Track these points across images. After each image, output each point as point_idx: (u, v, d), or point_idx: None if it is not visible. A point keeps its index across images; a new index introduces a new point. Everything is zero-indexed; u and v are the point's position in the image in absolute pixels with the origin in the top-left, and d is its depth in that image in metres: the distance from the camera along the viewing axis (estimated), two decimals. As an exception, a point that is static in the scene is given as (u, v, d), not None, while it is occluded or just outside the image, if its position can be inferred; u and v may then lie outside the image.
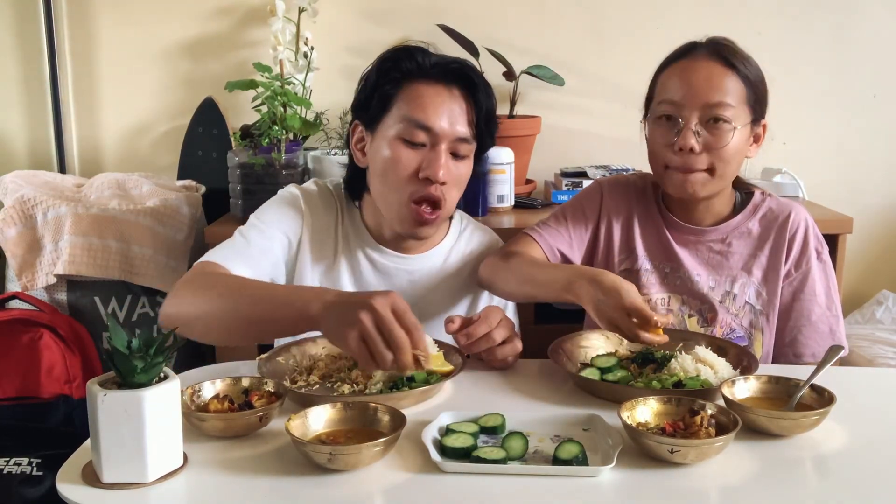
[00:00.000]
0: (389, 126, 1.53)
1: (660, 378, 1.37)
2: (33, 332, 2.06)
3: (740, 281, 1.63)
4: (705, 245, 1.65)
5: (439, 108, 1.51)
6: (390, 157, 1.52)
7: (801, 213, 1.65)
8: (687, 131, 1.52)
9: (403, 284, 1.64)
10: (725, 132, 1.53)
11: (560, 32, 2.58)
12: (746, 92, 1.55)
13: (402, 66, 1.52)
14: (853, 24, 2.59)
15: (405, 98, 1.52)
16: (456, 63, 1.55)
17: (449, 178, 1.52)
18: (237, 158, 2.27)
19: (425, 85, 1.52)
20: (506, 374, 1.45)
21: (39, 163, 2.61)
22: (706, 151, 1.53)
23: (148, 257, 2.20)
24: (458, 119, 1.52)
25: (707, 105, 1.52)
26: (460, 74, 1.54)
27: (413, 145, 1.51)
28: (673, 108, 1.55)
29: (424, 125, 1.50)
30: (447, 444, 1.13)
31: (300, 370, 1.43)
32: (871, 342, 2.27)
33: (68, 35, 2.58)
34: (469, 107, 1.54)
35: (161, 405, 1.05)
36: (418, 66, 1.52)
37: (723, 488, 1.08)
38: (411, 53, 1.54)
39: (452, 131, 1.52)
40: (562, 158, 2.57)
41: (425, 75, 1.52)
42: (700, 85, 1.53)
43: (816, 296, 1.62)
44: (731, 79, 1.54)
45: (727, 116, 1.52)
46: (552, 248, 1.66)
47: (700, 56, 1.56)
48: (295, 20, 2.44)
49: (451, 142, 1.52)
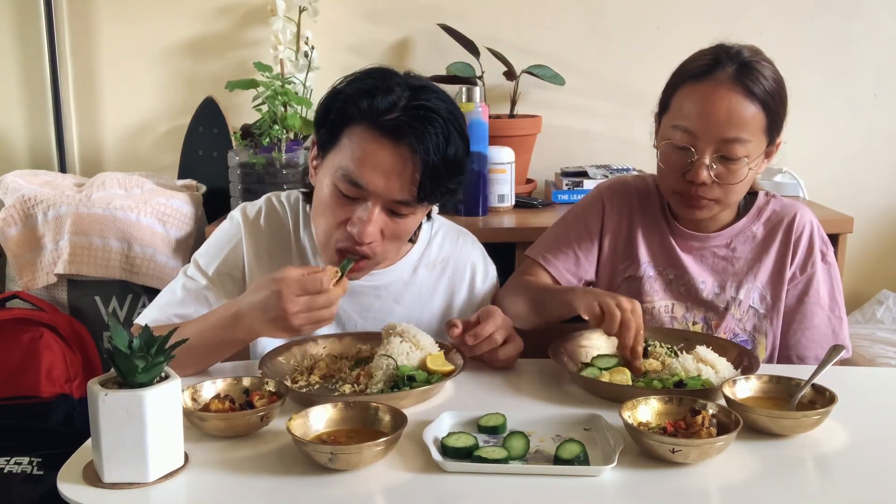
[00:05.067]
0: (331, 164, 1.42)
1: (661, 378, 1.37)
2: (34, 332, 2.06)
3: (746, 286, 1.62)
4: (710, 250, 1.63)
5: (378, 165, 1.37)
6: (325, 198, 1.43)
7: (805, 215, 1.63)
8: (700, 166, 1.48)
9: (369, 300, 1.58)
10: (740, 168, 1.49)
11: (561, 32, 2.58)
12: (766, 121, 1.50)
13: (350, 108, 1.39)
14: (853, 23, 2.58)
15: (348, 143, 1.39)
16: (413, 107, 1.37)
17: (382, 236, 1.43)
18: (238, 158, 2.27)
19: (370, 134, 1.37)
20: (506, 373, 1.45)
21: (40, 162, 2.61)
22: (717, 184, 1.50)
23: (148, 257, 2.20)
24: (397, 180, 1.38)
25: (724, 140, 1.47)
26: (415, 126, 1.36)
27: (347, 197, 1.41)
28: (688, 139, 1.49)
29: (357, 182, 1.38)
30: (448, 444, 1.13)
31: (301, 370, 1.43)
32: (871, 342, 2.27)
33: (69, 34, 2.57)
34: (417, 164, 1.37)
35: (162, 405, 1.05)
36: (366, 111, 1.37)
37: (724, 488, 1.08)
38: (372, 93, 1.38)
39: (388, 193, 1.38)
40: (562, 158, 2.57)
41: (373, 122, 1.37)
42: (719, 118, 1.47)
43: (820, 298, 1.61)
44: (750, 110, 1.48)
45: (743, 153, 1.48)
46: (561, 272, 1.66)
47: (722, 82, 1.48)
48: (295, 19, 2.44)
49: (385, 202, 1.40)
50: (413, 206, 1.42)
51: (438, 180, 1.39)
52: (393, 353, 1.37)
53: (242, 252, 1.57)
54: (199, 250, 1.60)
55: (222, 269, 1.56)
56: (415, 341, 1.40)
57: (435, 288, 1.63)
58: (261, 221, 1.59)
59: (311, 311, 1.29)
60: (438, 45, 2.49)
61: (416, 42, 2.56)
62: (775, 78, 1.52)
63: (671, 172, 1.54)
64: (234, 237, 1.58)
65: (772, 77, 1.51)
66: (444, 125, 1.38)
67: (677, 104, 1.53)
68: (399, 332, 1.42)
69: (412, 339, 1.40)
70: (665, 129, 1.55)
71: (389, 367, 1.36)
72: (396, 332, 1.42)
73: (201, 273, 1.55)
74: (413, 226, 1.49)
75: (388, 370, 1.35)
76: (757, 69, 1.49)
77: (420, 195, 1.40)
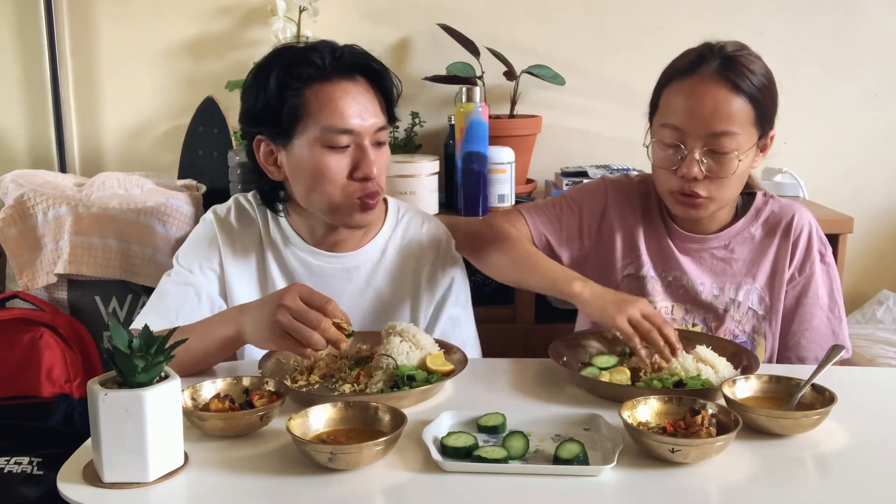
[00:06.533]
0: (305, 135, 1.50)
1: (661, 378, 1.37)
2: (34, 332, 2.06)
3: (745, 287, 1.61)
4: (708, 252, 1.63)
5: (352, 106, 1.49)
6: (317, 165, 1.50)
7: (804, 216, 1.63)
8: (690, 161, 1.49)
9: (341, 283, 1.63)
10: (730, 161, 1.49)
11: (561, 32, 2.58)
12: (754, 113, 1.50)
13: (302, 74, 1.49)
14: (854, 23, 2.58)
15: (315, 105, 1.49)
16: (352, 53, 1.52)
17: (378, 168, 1.53)
18: (238, 158, 2.27)
19: (331, 85, 1.49)
20: (506, 373, 1.45)
21: (40, 162, 2.61)
22: (709, 178, 1.50)
23: (148, 257, 2.20)
24: (370, 111, 1.51)
25: (712, 134, 1.48)
26: (359, 64, 1.52)
27: (338, 149, 1.50)
28: (677, 136, 1.50)
29: (344, 129, 1.49)
30: (448, 444, 1.13)
31: (301, 370, 1.44)
32: (871, 342, 2.27)
33: (69, 34, 2.57)
34: (376, 93, 1.54)
35: (162, 405, 1.05)
36: (318, 68, 1.49)
37: (723, 488, 1.08)
38: (306, 57, 1.50)
39: (371, 125, 1.51)
40: (562, 158, 2.57)
41: (327, 76, 1.50)
42: (705, 113, 1.48)
43: (819, 299, 1.61)
44: (737, 103, 1.48)
45: (732, 147, 1.48)
46: (540, 232, 1.66)
47: (707, 77, 1.49)
48: (295, 20, 2.44)
49: (371, 135, 1.52)
50: (387, 130, 1.56)
51: (391, 97, 1.56)
52: (393, 352, 1.38)
53: (218, 247, 1.64)
54: (178, 252, 1.67)
55: (204, 263, 1.63)
56: (415, 341, 1.40)
57: (404, 268, 1.67)
58: (231, 219, 1.68)
59: (298, 319, 1.29)
60: (438, 45, 2.49)
61: (416, 42, 2.56)
62: (762, 71, 1.52)
63: (663, 171, 1.54)
64: (209, 234, 1.66)
65: (758, 70, 1.51)
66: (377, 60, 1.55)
67: (665, 102, 1.54)
68: (399, 331, 1.42)
69: (412, 339, 1.40)
70: (655, 129, 1.57)
71: (389, 366, 1.36)
72: (396, 331, 1.42)
73: (185, 269, 1.62)
74: (388, 157, 1.59)
75: (388, 370, 1.36)
76: (742, 62, 1.50)
77: (390, 117, 1.57)
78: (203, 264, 1.62)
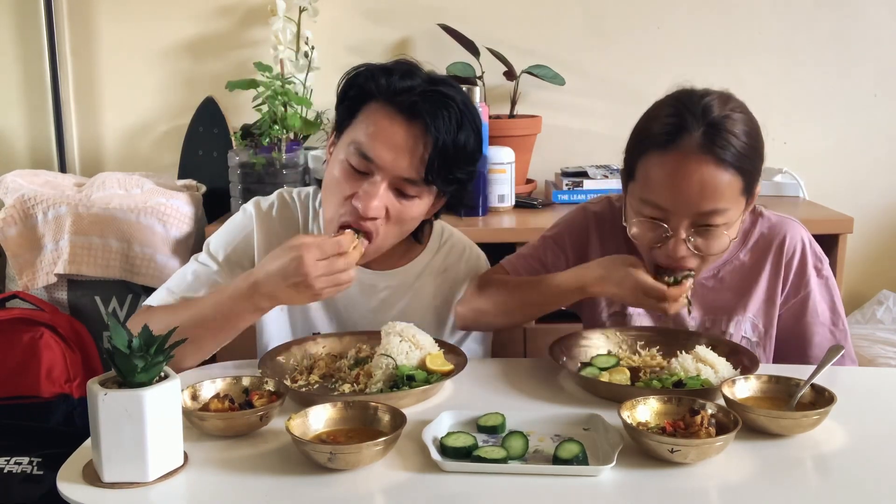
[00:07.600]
0: (345, 140, 1.46)
1: (660, 378, 1.37)
2: (34, 332, 2.06)
3: (735, 318, 1.56)
4: (697, 283, 1.52)
5: (389, 140, 1.40)
6: (332, 172, 1.46)
7: (795, 234, 1.54)
8: (677, 242, 1.38)
9: (366, 298, 1.59)
10: (719, 237, 1.39)
11: (561, 32, 2.58)
12: (742, 183, 1.37)
13: (369, 83, 1.43)
14: (853, 23, 2.58)
15: (363, 118, 1.43)
16: (424, 98, 1.40)
17: (386, 214, 1.43)
18: (238, 158, 2.27)
19: (385, 110, 1.42)
20: (506, 373, 1.45)
21: (40, 162, 2.62)
22: (698, 254, 1.40)
23: (148, 257, 2.20)
24: (406, 156, 1.40)
25: (699, 213, 1.36)
26: (429, 107, 1.40)
27: (356, 171, 1.43)
28: (660, 214, 1.38)
29: (366, 155, 1.41)
30: (447, 444, 1.13)
31: (300, 369, 1.44)
32: (871, 342, 2.27)
33: (69, 34, 2.58)
34: (428, 144, 1.40)
35: (161, 404, 1.05)
36: (384, 88, 1.41)
37: (723, 488, 1.08)
38: (378, 73, 1.43)
39: (395, 169, 1.40)
40: (562, 158, 2.57)
41: (389, 100, 1.42)
42: (692, 192, 1.35)
43: (820, 316, 1.55)
44: (725, 177, 1.35)
45: (721, 221, 1.37)
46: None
47: (689, 153, 1.34)
48: (295, 19, 2.44)
49: (393, 178, 1.42)
50: (419, 187, 1.44)
51: (447, 163, 1.42)
52: (392, 352, 1.37)
53: (253, 242, 1.59)
54: (212, 238, 1.62)
55: (233, 258, 1.57)
56: (414, 341, 1.40)
57: (434, 296, 1.62)
58: (273, 214, 1.62)
59: (332, 275, 1.31)
60: (438, 45, 2.49)
61: (416, 42, 2.56)
62: (747, 131, 1.38)
63: (646, 247, 1.43)
64: (247, 227, 1.60)
65: (743, 132, 1.37)
66: (458, 112, 1.43)
67: (643, 174, 1.40)
68: (398, 331, 1.42)
69: (411, 339, 1.40)
70: (633, 201, 1.43)
71: (389, 366, 1.36)
72: (395, 331, 1.42)
73: (212, 259, 1.57)
74: (417, 212, 1.48)
75: (388, 370, 1.35)
76: (726, 129, 1.35)
77: (428, 177, 1.42)
78: (232, 259, 1.56)
